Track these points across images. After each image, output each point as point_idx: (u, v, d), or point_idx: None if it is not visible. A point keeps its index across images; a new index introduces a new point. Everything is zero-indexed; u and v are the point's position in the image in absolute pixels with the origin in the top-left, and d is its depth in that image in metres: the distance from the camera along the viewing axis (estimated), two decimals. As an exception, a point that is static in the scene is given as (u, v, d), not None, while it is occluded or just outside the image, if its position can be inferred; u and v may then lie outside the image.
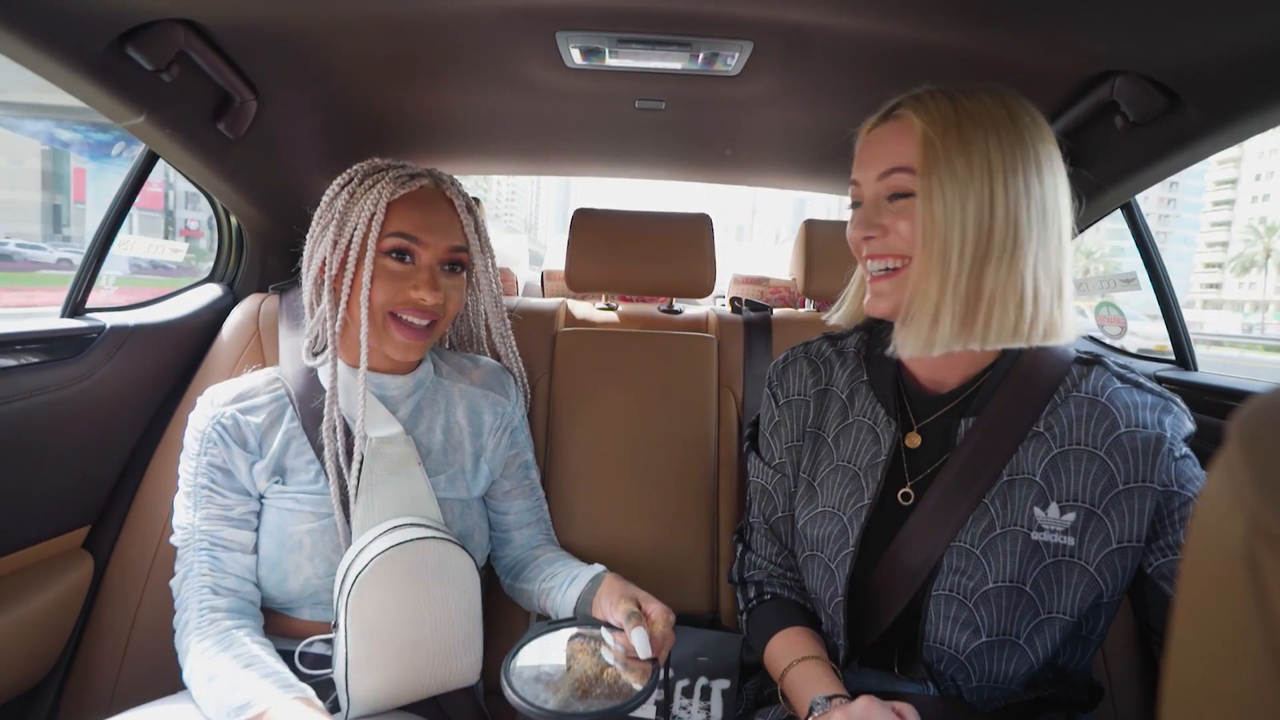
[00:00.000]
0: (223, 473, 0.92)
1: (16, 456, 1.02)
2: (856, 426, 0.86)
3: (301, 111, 1.25)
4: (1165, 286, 1.26)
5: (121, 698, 1.10)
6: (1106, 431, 0.74)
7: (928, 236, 0.71)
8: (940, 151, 0.70)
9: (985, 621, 0.74)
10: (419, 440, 0.98)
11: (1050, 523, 0.73)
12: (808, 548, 0.87)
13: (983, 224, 0.70)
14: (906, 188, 0.73)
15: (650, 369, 1.34)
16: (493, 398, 1.07)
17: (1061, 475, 0.74)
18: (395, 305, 0.91)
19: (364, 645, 0.83)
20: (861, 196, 0.78)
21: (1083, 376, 0.78)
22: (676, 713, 1.05)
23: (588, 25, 0.99)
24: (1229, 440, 0.25)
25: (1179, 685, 0.28)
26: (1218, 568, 0.25)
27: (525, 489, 1.10)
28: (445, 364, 1.08)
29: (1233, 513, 0.24)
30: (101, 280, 1.20)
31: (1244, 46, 0.81)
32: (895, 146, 0.74)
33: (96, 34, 0.88)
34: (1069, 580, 0.73)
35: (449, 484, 0.99)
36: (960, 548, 0.76)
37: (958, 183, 0.70)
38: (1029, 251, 0.71)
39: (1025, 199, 0.70)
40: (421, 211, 0.92)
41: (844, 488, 0.84)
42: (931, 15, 0.89)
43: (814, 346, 0.94)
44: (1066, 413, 0.76)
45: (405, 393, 1.00)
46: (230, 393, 0.96)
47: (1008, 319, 0.71)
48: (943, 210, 0.70)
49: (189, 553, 0.90)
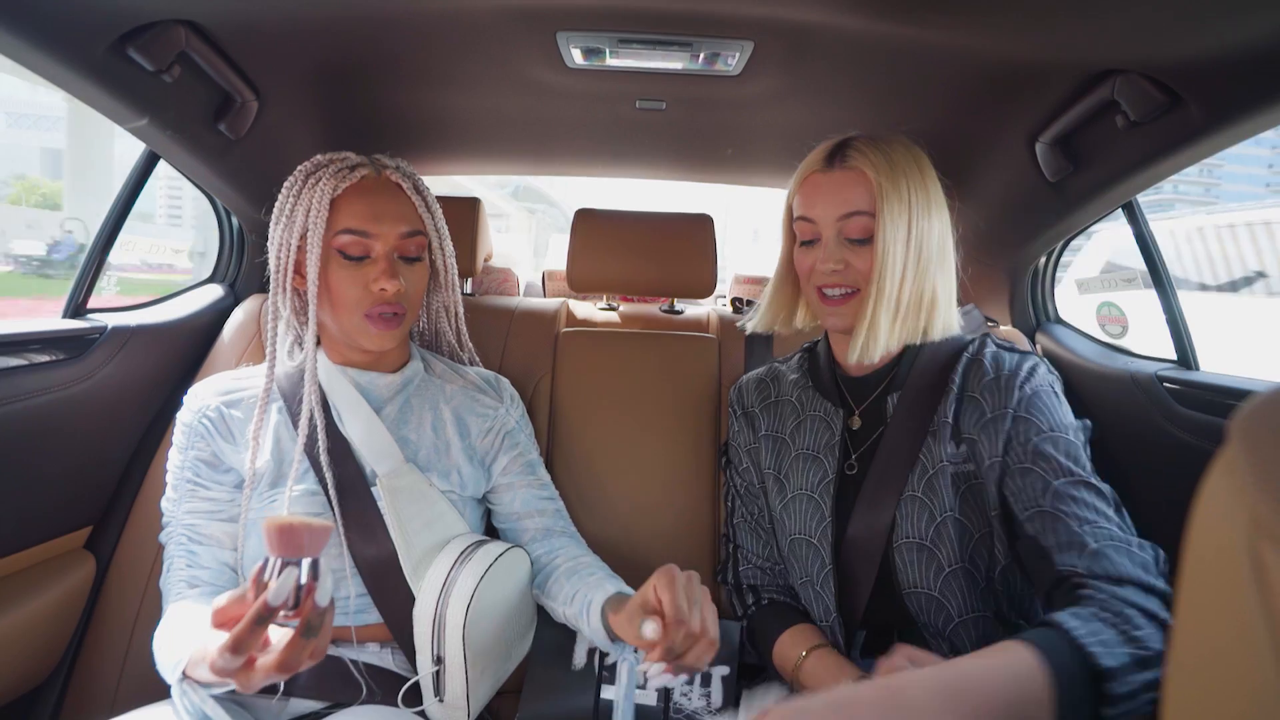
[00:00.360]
0: (208, 466, 0.92)
1: (18, 457, 1.02)
2: (810, 420, 1.02)
3: (303, 112, 1.25)
4: (1167, 285, 1.26)
5: (124, 698, 1.10)
6: (980, 378, 0.91)
7: (877, 269, 0.87)
8: (886, 198, 0.87)
9: (943, 552, 0.87)
10: (408, 438, 0.98)
11: (955, 456, 0.89)
12: (789, 532, 0.99)
13: (906, 255, 0.87)
14: (869, 229, 0.88)
15: (652, 369, 1.34)
16: (483, 400, 1.06)
17: (959, 418, 0.91)
18: (365, 305, 0.91)
19: (478, 665, 0.89)
20: (818, 234, 0.92)
21: (974, 346, 0.95)
22: (677, 699, 1.07)
23: (588, 25, 0.99)
24: (1230, 438, 0.25)
25: (1181, 679, 0.28)
26: (1220, 564, 0.25)
27: (531, 483, 1.08)
28: (438, 364, 1.07)
29: (1234, 510, 0.24)
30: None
31: (1245, 45, 0.81)
32: (853, 192, 0.89)
33: (97, 35, 0.89)
34: (978, 499, 0.88)
35: (442, 480, 0.99)
36: (910, 496, 0.90)
37: (895, 224, 0.87)
38: (933, 270, 0.89)
39: (930, 230, 0.89)
40: (366, 201, 0.91)
41: (807, 471, 0.99)
42: (931, 15, 0.89)
43: (761, 372, 1.14)
44: (964, 373, 0.93)
45: (393, 390, 0.99)
46: (216, 387, 0.96)
47: (919, 323, 0.90)
48: (888, 248, 0.87)
49: (170, 545, 0.91)
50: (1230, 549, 0.24)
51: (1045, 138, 1.14)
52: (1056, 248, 1.47)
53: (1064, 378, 1.39)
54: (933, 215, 0.89)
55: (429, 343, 1.14)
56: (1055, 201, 1.25)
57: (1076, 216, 1.27)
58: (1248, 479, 0.23)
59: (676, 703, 1.07)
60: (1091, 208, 1.23)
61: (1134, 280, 1.36)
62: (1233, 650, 0.24)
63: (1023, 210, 1.34)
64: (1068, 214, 1.26)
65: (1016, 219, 1.38)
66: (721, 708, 1.07)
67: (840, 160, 0.90)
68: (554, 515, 1.08)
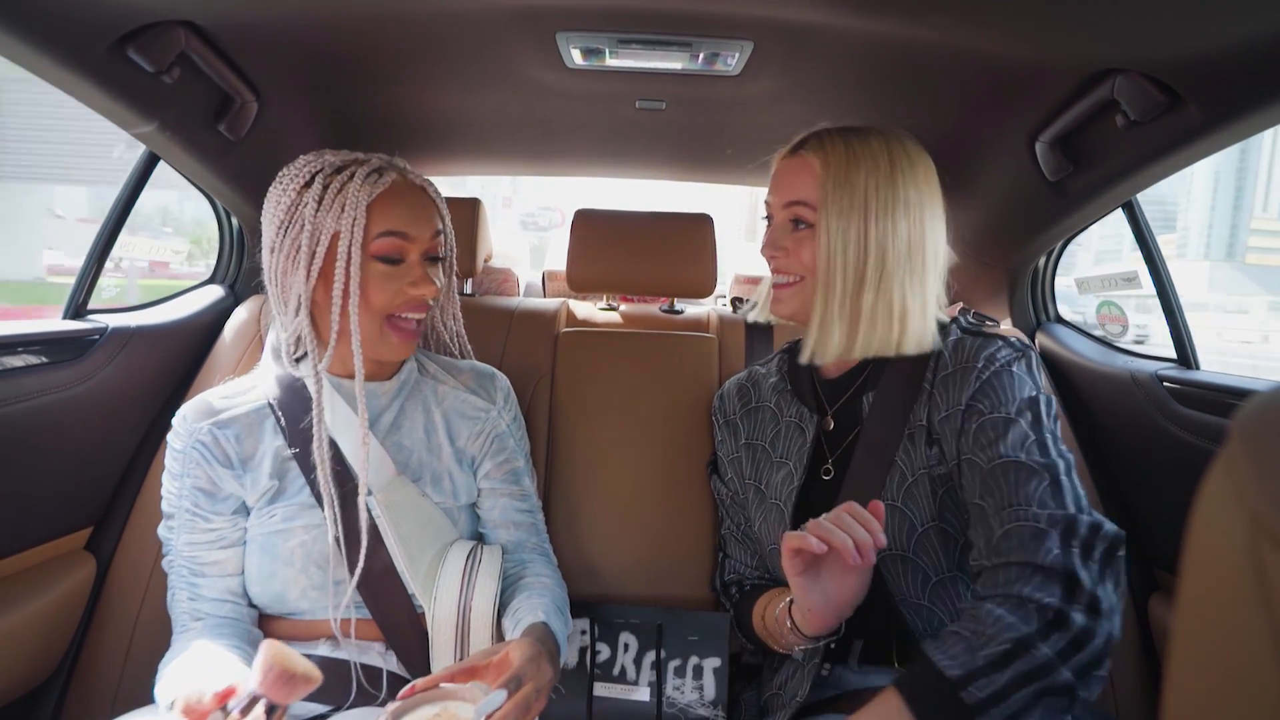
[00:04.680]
0: (206, 495, 0.91)
1: (19, 458, 1.02)
2: (786, 426, 0.99)
3: (302, 112, 1.25)
4: (1167, 284, 1.26)
5: (124, 699, 1.10)
6: (940, 370, 0.86)
7: (819, 262, 0.85)
8: (830, 191, 0.84)
9: (928, 563, 0.84)
10: (401, 443, 0.97)
11: (931, 459, 0.85)
12: (769, 542, 0.96)
13: (860, 255, 0.84)
14: (807, 219, 0.87)
15: (652, 369, 1.34)
16: (475, 402, 1.03)
17: (931, 417, 0.86)
18: (395, 307, 0.89)
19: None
20: (772, 216, 0.92)
21: (940, 337, 0.89)
22: (670, 693, 1.07)
23: (588, 26, 0.99)
24: (1231, 438, 0.25)
25: (1182, 679, 0.28)
26: (1220, 564, 0.25)
27: (512, 492, 1.03)
28: (431, 364, 1.05)
29: (1235, 510, 0.24)
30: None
31: (1245, 44, 0.81)
32: (798, 180, 0.88)
33: (97, 36, 0.88)
34: (956, 502, 0.84)
35: (433, 488, 0.97)
36: (888, 505, 0.84)
37: (842, 219, 0.84)
38: (896, 279, 0.84)
39: (892, 235, 0.84)
40: (405, 203, 0.89)
41: (778, 479, 0.96)
42: (931, 15, 0.89)
43: (741, 376, 1.11)
44: (934, 368, 0.88)
45: (391, 396, 0.97)
46: (203, 407, 0.93)
47: (880, 334, 0.85)
48: (829, 242, 0.84)
49: (173, 576, 0.92)
50: (1231, 548, 0.24)
51: (1045, 137, 1.14)
52: (1056, 247, 1.47)
53: (1064, 377, 1.39)
54: (897, 217, 0.84)
55: (425, 342, 1.12)
56: (1055, 201, 1.25)
57: (1076, 216, 1.27)
58: (1248, 478, 0.23)
59: (669, 697, 1.07)
60: (1091, 207, 1.23)
61: (1134, 279, 1.36)
62: (1233, 649, 0.24)
63: (1023, 210, 1.34)
64: (1068, 213, 1.26)
65: (1016, 219, 1.38)
66: (714, 700, 1.07)
67: (800, 148, 0.90)
68: (529, 529, 1.04)
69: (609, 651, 1.14)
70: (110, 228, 1.19)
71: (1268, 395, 0.25)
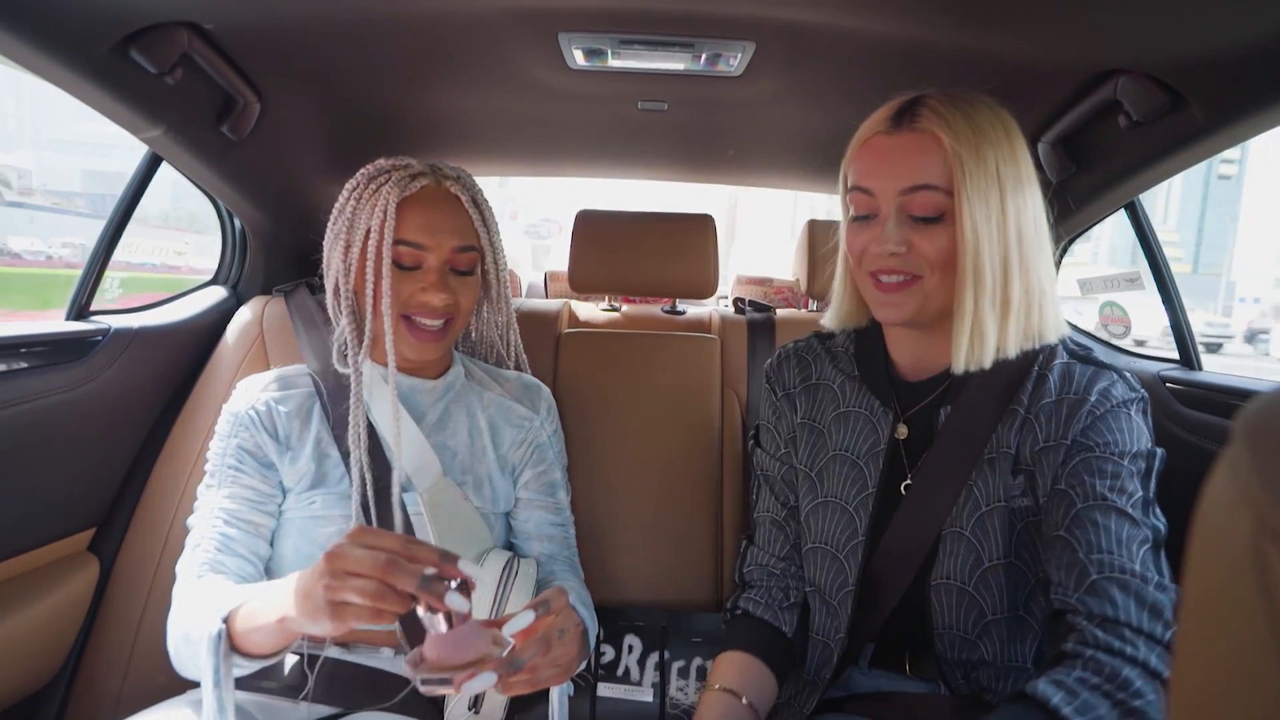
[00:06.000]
0: (252, 456, 0.92)
1: (21, 459, 1.02)
2: (853, 416, 0.87)
3: (305, 113, 1.25)
4: (1170, 286, 1.26)
5: (127, 700, 1.10)
6: (1040, 397, 0.77)
7: (964, 254, 0.73)
8: (970, 171, 0.72)
9: (988, 601, 0.77)
10: (445, 444, 0.98)
11: (1014, 488, 0.77)
12: (812, 539, 0.88)
13: (1003, 239, 0.73)
14: (940, 207, 0.73)
15: (654, 370, 1.34)
16: (520, 411, 1.04)
17: (1021, 445, 0.77)
18: (408, 308, 0.91)
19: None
20: (875, 209, 0.77)
21: (1043, 358, 0.80)
22: (673, 694, 1.07)
23: (590, 27, 0.99)
24: (1234, 439, 0.25)
25: (1186, 685, 0.27)
26: (1223, 567, 0.25)
27: (548, 505, 1.04)
28: (478, 370, 1.07)
29: (1238, 511, 0.24)
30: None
31: (1248, 45, 0.81)
32: (921, 161, 0.73)
33: (99, 37, 0.89)
34: (1035, 539, 0.76)
35: (474, 492, 0.98)
36: (953, 532, 0.78)
37: (983, 202, 0.72)
38: (1037, 260, 0.75)
39: (1028, 211, 0.75)
40: (425, 214, 0.91)
41: (846, 478, 0.86)
42: (933, 15, 0.89)
43: (803, 344, 0.97)
44: (1032, 391, 0.79)
45: (435, 396, 0.99)
46: (264, 380, 0.97)
47: (1029, 323, 0.76)
48: (974, 229, 0.72)
49: (203, 525, 0.89)
50: (1234, 550, 0.24)
51: (1048, 138, 1.14)
52: (1058, 248, 1.46)
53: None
54: (1025, 192, 0.75)
55: (473, 349, 1.13)
56: (1057, 202, 1.24)
57: (1079, 217, 1.27)
58: (1252, 479, 0.23)
59: (673, 698, 1.07)
60: (1094, 208, 1.23)
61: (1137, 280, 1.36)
62: (1237, 653, 0.24)
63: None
64: (1070, 214, 1.26)
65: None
66: None
67: (910, 121, 0.74)
68: (561, 543, 1.04)
69: (613, 652, 1.14)
70: (113, 229, 1.19)
71: (1271, 396, 0.25)
